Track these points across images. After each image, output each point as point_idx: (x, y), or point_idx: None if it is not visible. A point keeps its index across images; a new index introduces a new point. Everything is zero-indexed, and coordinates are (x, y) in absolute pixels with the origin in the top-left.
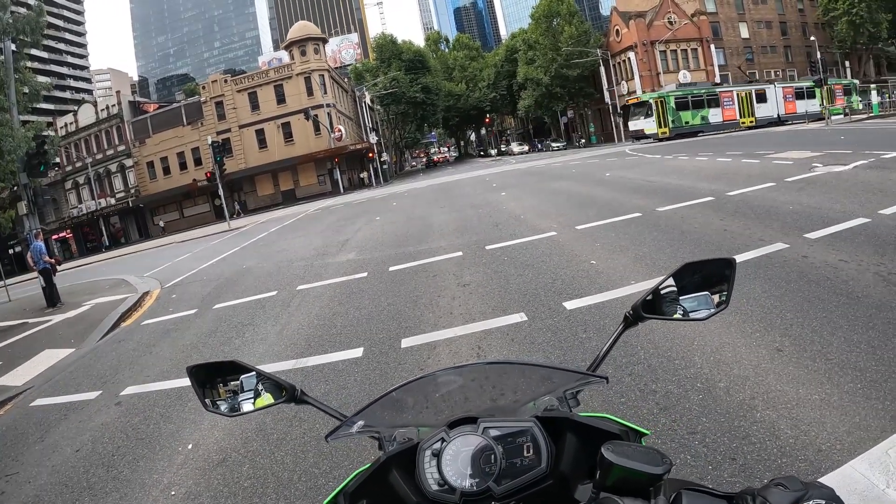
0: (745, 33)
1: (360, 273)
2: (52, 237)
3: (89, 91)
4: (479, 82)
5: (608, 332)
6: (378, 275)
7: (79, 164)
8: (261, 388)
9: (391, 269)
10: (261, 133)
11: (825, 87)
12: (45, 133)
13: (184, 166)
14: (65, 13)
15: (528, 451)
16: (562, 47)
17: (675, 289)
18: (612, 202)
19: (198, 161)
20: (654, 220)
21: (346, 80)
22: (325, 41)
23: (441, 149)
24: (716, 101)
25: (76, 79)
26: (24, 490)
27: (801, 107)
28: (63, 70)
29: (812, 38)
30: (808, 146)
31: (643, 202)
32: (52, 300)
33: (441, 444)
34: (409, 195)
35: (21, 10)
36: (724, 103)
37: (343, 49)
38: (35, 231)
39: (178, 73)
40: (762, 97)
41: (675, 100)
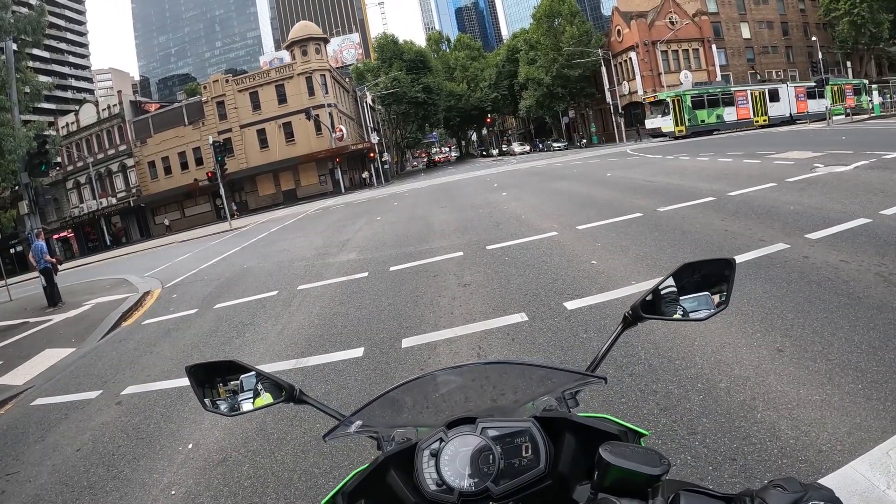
0: (746, 33)
1: (361, 273)
2: (54, 237)
3: (91, 91)
4: (480, 82)
5: (609, 332)
6: (379, 275)
7: (80, 164)
8: (259, 387)
9: (392, 268)
10: (262, 133)
11: (836, 87)
12: (46, 133)
13: (185, 166)
14: (66, 13)
15: (527, 452)
16: (563, 47)
17: (674, 289)
18: (613, 202)
19: (199, 161)
20: (655, 221)
21: (347, 79)
22: (326, 41)
23: (442, 149)
24: (730, 101)
25: (77, 78)
26: (24, 489)
27: (812, 106)
28: (64, 70)
29: (813, 39)
30: (810, 146)
31: (644, 202)
32: (53, 300)
33: (439, 444)
34: (410, 195)
35: (23, 10)
36: (739, 102)
37: (344, 49)
38: (36, 230)
39: (179, 73)
40: (775, 96)
41: (692, 99)
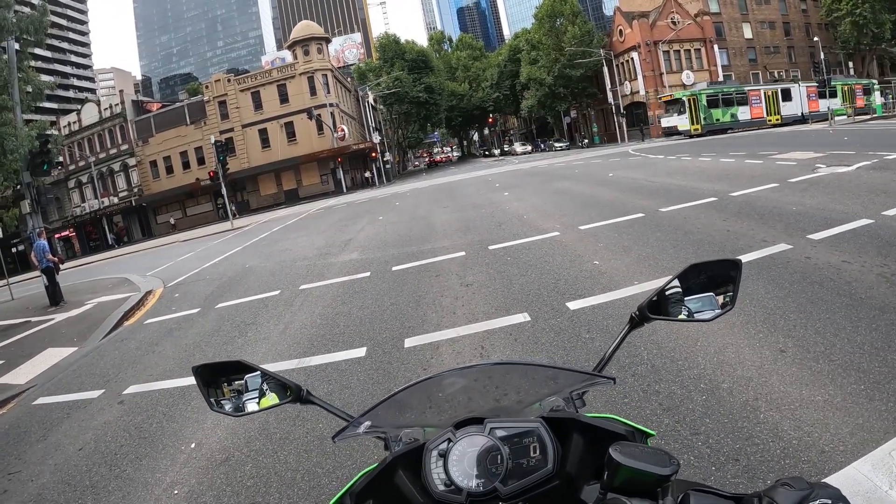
0: (748, 34)
1: (363, 273)
2: (55, 236)
3: (92, 90)
4: (482, 82)
5: (612, 332)
6: (381, 274)
7: (82, 163)
8: (266, 388)
9: (394, 268)
10: (264, 132)
11: (846, 87)
12: (48, 132)
13: (187, 165)
14: (68, 12)
15: (535, 452)
16: (565, 47)
17: (680, 290)
18: (615, 202)
19: (201, 160)
20: (657, 221)
21: (349, 79)
22: (328, 41)
23: (444, 148)
24: (744, 100)
25: (79, 78)
26: (26, 488)
27: (823, 105)
28: (66, 69)
29: (815, 39)
30: (812, 147)
31: (646, 203)
32: (55, 299)
33: (447, 445)
34: (412, 195)
35: (25, 10)
36: (753, 102)
37: (346, 49)
38: (38, 230)
39: (181, 73)
40: (787, 95)
41: (707, 98)
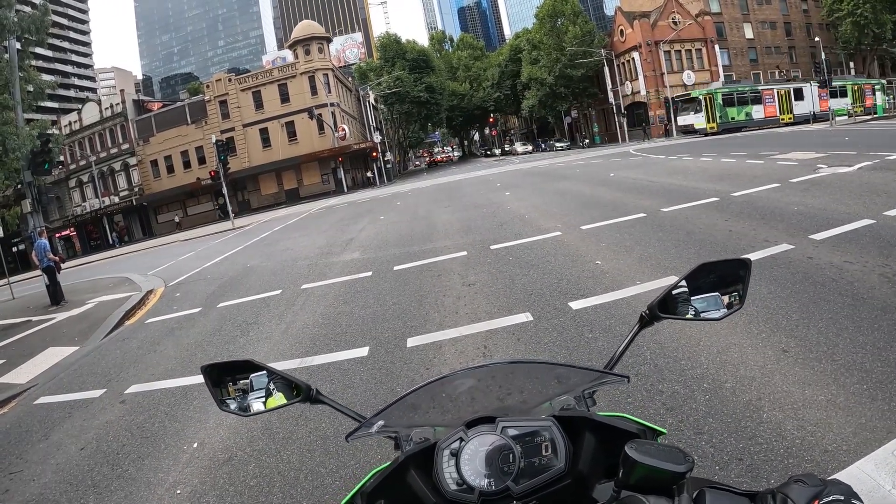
0: (749, 34)
1: (365, 272)
2: (56, 235)
3: (93, 90)
4: (482, 82)
5: (614, 332)
6: (383, 274)
7: (83, 163)
8: (273, 387)
9: (396, 268)
10: (265, 132)
11: (856, 87)
12: (49, 131)
13: (187, 165)
14: (69, 12)
15: (547, 451)
16: (566, 47)
17: (687, 290)
18: (616, 202)
19: (201, 160)
20: (658, 221)
21: (349, 79)
22: (329, 40)
23: (445, 148)
24: (758, 99)
25: (80, 77)
26: (28, 488)
27: (834, 104)
28: (67, 69)
29: (816, 39)
30: (813, 147)
31: (648, 203)
32: (56, 298)
33: (459, 444)
34: (413, 195)
35: (26, 9)
36: (766, 100)
37: (347, 48)
38: (39, 229)
39: (182, 72)
40: (799, 95)
41: (723, 96)
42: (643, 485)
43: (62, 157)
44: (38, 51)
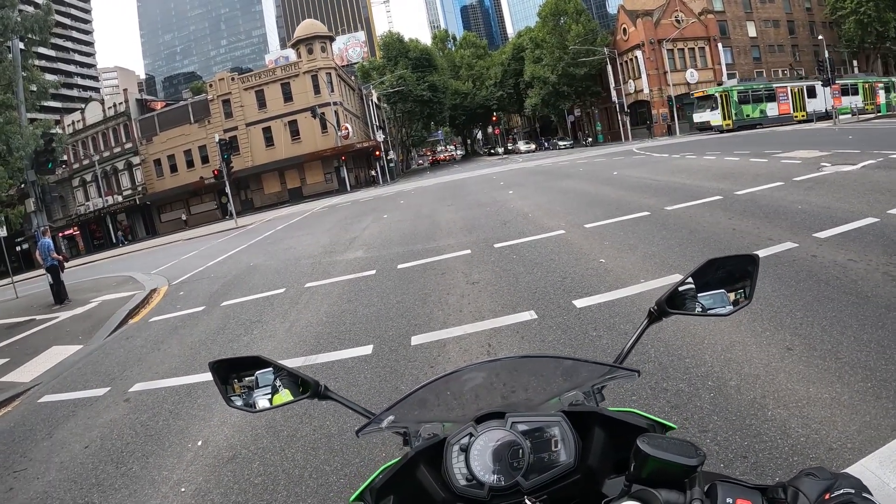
0: (752, 32)
1: (369, 271)
2: (60, 234)
3: (96, 89)
4: (485, 81)
5: (619, 330)
6: (386, 272)
7: (86, 162)
8: (280, 384)
9: (399, 266)
10: (268, 131)
11: (867, 84)
12: (52, 131)
13: (191, 164)
14: (72, 11)
15: (556, 446)
16: (569, 46)
17: (694, 286)
18: (620, 201)
19: (205, 159)
20: (662, 219)
21: (352, 78)
22: (331, 39)
23: (448, 147)
24: (772, 96)
25: (83, 77)
26: (32, 486)
27: (846, 102)
28: (70, 68)
29: (820, 37)
30: (816, 146)
31: (651, 201)
32: (60, 297)
33: (469, 439)
34: (416, 193)
35: (29, 9)
36: (780, 98)
37: (350, 47)
38: (42, 228)
39: (184, 72)
40: (812, 92)
41: (738, 94)
42: (655, 479)
43: (65, 157)
44: (42, 50)
